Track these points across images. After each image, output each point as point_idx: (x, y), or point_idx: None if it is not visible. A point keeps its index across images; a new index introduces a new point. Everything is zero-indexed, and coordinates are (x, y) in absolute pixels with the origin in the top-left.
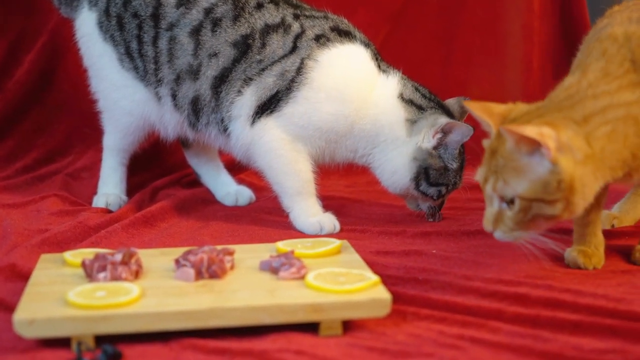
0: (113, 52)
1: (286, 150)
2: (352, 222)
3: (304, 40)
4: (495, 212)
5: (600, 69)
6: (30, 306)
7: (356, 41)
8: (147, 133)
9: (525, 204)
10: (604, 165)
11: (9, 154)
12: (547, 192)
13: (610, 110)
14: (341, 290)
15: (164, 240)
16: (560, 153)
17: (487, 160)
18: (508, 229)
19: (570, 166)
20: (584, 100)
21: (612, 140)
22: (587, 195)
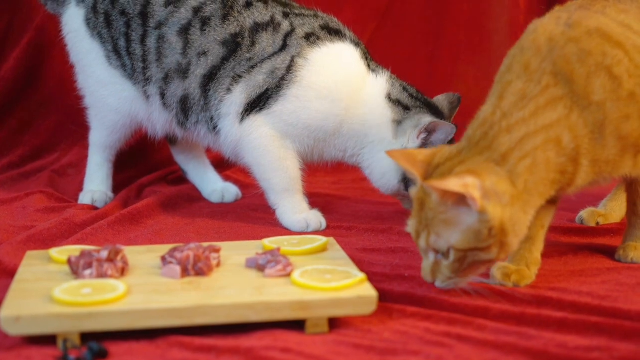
0: (100, 49)
1: (274, 147)
2: (339, 219)
3: (294, 39)
4: (432, 263)
5: (517, 92)
6: (15, 303)
7: (346, 40)
8: (134, 130)
9: (460, 254)
10: (531, 198)
11: None
12: (479, 240)
13: (527, 140)
14: (327, 288)
15: (150, 238)
16: (487, 200)
17: (416, 212)
18: (446, 278)
19: (498, 211)
20: (499, 136)
21: (535, 172)
22: (520, 231)
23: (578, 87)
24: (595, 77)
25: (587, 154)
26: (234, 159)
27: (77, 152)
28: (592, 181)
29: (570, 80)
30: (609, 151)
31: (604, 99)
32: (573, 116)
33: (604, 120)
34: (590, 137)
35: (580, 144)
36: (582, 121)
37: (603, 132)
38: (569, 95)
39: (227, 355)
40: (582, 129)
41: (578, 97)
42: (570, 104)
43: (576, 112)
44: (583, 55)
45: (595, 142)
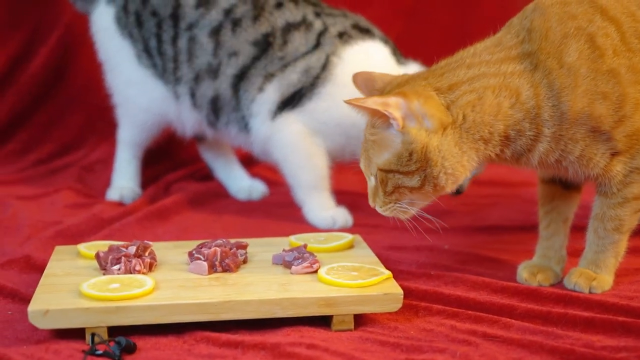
0: (131, 48)
1: (305, 144)
2: (365, 217)
3: (327, 38)
4: (372, 187)
5: (495, 40)
6: (44, 297)
7: (376, 38)
8: (163, 129)
9: (382, 175)
10: (470, 137)
11: (24, 146)
12: (401, 163)
13: (481, 78)
14: (354, 285)
15: (177, 234)
16: (410, 121)
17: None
18: (382, 203)
19: (421, 135)
20: (458, 68)
21: (477, 110)
22: (451, 168)
23: (550, 45)
24: (572, 39)
25: (550, 122)
26: (263, 157)
27: (105, 149)
28: (559, 163)
29: (544, 37)
30: (576, 129)
31: (579, 65)
32: (537, 74)
33: (574, 88)
34: (554, 103)
35: (541, 105)
36: (546, 82)
37: (570, 102)
38: (539, 53)
39: (253, 350)
40: (545, 90)
41: (548, 56)
42: (537, 62)
43: (541, 72)
44: (565, 17)
45: (558, 111)
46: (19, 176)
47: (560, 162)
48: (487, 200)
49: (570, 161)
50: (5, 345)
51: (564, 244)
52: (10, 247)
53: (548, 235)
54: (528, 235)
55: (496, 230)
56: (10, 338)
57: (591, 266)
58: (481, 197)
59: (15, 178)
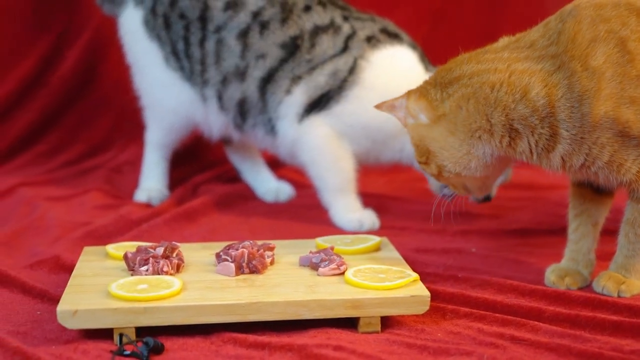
0: (159, 50)
1: (332, 147)
2: (392, 219)
3: (356, 41)
4: None
5: (529, 39)
6: (73, 298)
7: (404, 43)
8: (190, 130)
9: (419, 166)
10: (467, 127)
11: (53, 147)
12: (418, 156)
13: (482, 74)
14: (380, 287)
15: (204, 235)
16: (409, 119)
17: None
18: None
19: (416, 130)
20: (469, 62)
21: (472, 102)
22: (455, 157)
23: (577, 48)
24: (600, 43)
25: (568, 123)
26: (290, 160)
27: (134, 150)
28: (588, 168)
29: (571, 39)
30: (600, 133)
31: (604, 69)
32: (557, 76)
33: (597, 91)
34: (574, 105)
35: (555, 105)
36: (566, 83)
37: (592, 105)
38: (563, 55)
39: (280, 352)
40: (563, 91)
41: (572, 58)
42: (560, 63)
43: (562, 73)
44: (597, 20)
45: (578, 113)
46: (49, 177)
47: (589, 167)
48: (516, 203)
49: (599, 167)
50: (34, 345)
51: (592, 247)
52: (40, 247)
53: (576, 239)
54: (556, 238)
55: (524, 234)
56: (39, 338)
57: (621, 270)
58: (509, 200)
59: (45, 179)
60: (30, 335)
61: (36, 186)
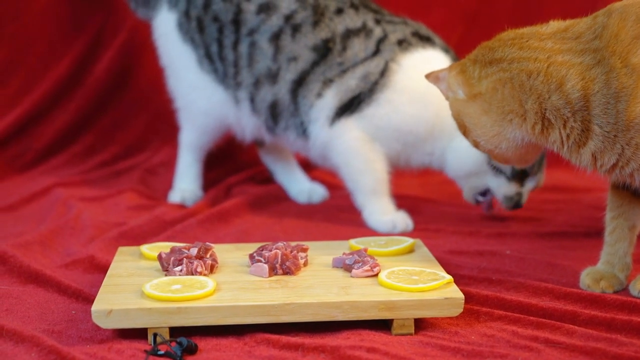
0: (192, 53)
1: (364, 149)
2: (426, 221)
3: (387, 45)
4: None
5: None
6: (107, 297)
7: (436, 46)
8: (224, 132)
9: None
10: (500, 109)
11: (88, 148)
12: (458, 127)
13: (522, 61)
14: (414, 289)
15: (238, 236)
16: (449, 92)
17: None
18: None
19: (454, 104)
20: (512, 46)
21: (508, 87)
22: (487, 135)
23: (619, 44)
24: None
25: (602, 119)
26: (321, 163)
27: (168, 151)
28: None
29: (614, 35)
30: (636, 133)
31: None
32: (596, 70)
33: (634, 89)
34: (609, 101)
35: (590, 100)
36: (604, 79)
37: (628, 103)
38: (604, 50)
39: (313, 353)
40: (600, 86)
41: (613, 54)
42: (601, 58)
43: (601, 68)
44: None
45: (613, 110)
46: (84, 178)
47: (623, 168)
48: (551, 206)
49: (634, 168)
50: (69, 344)
51: (629, 251)
52: (75, 247)
53: (613, 241)
54: (592, 241)
55: (559, 236)
56: (74, 337)
57: None
58: (544, 203)
59: (80, 180)
60: (65, 335)
61: (71, 186)
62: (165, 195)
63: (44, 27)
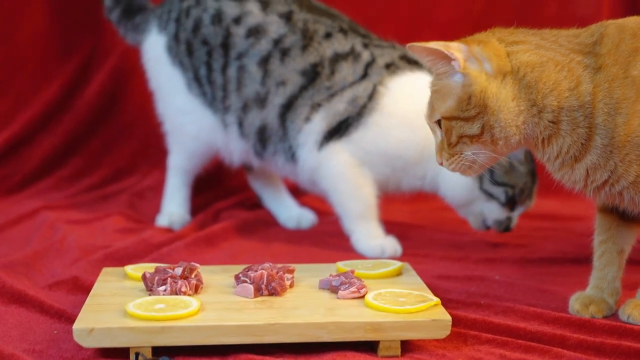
0: (181, 76)
1: (352, 174)
2: (414, 246)
3: (375, 68)
4: (439, 142)
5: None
6: (90, 316)
7: (424, 69)
8: (213, 156)
9: (446, 124)
10: (526, 96)
11: (77, 171)
12: (460, 109)
13: (549, 50)
14: (401, 310)
15: (225, 260)
16: (471, 64)
17: None
18: (448, 156)
19: (481, 78)
20: (531, 35)
21: (537, 73)
22: (506, 124)
23: (620, 54)
24: None
25: (603, 130)
26: (310, 187)
27: (156, 175)
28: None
29: (615, 44)
30: (630, 149)
31: None
32: (600, 76)
33: (635, 102)
34: (610, 112)
35: (596, 106)
36: (607, 87)
37: (627, 115)
38: (607, 56)
39: None
40: (603, 94)
41: (615, 62)
42: (602, 64)
43: (604, 75)
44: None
45: (612, 123)
46: (71, 201)
47: (613, 185)
48: (540, 233)
49: (623, 186)
50: None
51: (618, 275)
52: (59, 268)
53: (601, 266)
54: (581, 267)
55: (549, 263)
56: (55, 356)
57: None
58: (534, 230)
59: (67, 203)
60: (46, 354)
61: (58, 210)
62: (153, 218)
63: (34, 50)
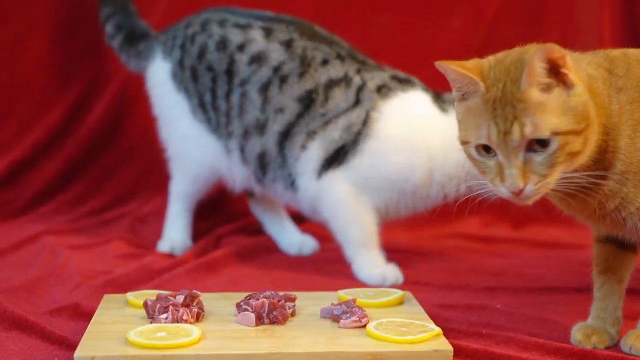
0: (186, 103)
1: (352, 202)
2: (416, 275)
3: (366, 93)
4: (522, 164)
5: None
6: (91, 344)
7: (416, 87)
8: (215, 182)
9: (562, 140)
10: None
11: (78, 197)
12: (577, 121)
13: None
14: (403, 341)
15: (226, 286)
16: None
17: (490, 115)
18: (540, 178)
19: (582, 85)
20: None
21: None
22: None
23: (634, 77)
24: None
25: (623, 155)
26: (311, 215)
27: (158, 201)
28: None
29: (628, 67)
30: None
31: None
32: (622, 97)
33: None
34: (630, 134)
35: (621, 128)
36: (629, 109)
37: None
38: (625, 79)
39: None
40: (626, 117)
41: (632, 85)
42: (622, 86)
43: (626, 97)
44: None
45: (632, 147)
46: (73, 226)
47: (620, 211)
48: (542, 262)
49: (630, 212)
50: None
51: (619, 305)
52: (60, 295)
53: (602, 296)
54: (583, 297)
55: (550, 292)
56: None
57: None
58: (536, 259)
59: (69, 228)
60: None
61: (60, 235)
62: (155, 244)
63: (37, 77)
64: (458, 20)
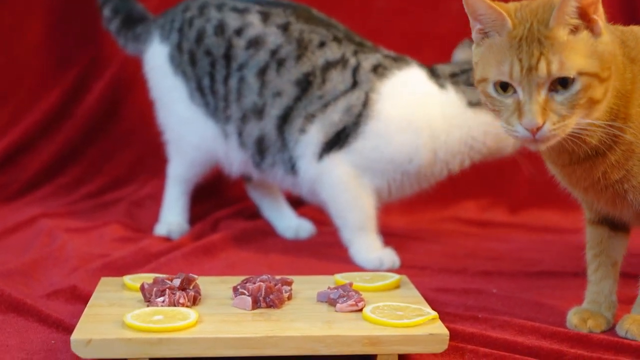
0: (184, 86)
1: (352, 185)
2: (412, 258)
3: (362, 74)
4: (542, 101)
5: None
6: (87, 327)
7: (411, 64)
8: (213, 166)
9: (586, 81)
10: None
11: (75, 179)
12: (602, 67)
13: None
14: (399, 324)
15: (222, 270)
16: None
17: (514, 52)
18: (559, 118)
19: (611, 39)
20: None
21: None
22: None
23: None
24: None
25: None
26: (311, 198)
27: (155, 184)
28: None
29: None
30: None
31: None
32: (636, 67)
33: None
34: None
35: (630, 97)
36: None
37: None
38: (637, 50)
39: None
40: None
41: None
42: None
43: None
44: None
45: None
46: (70, 209)
47: (623, 183)
48: (538, 246)
49: (632, 185)
50: None
51: (613, 288)
52: (57, 277)
53: (597, 280)
54: (580, 281)
55: (547, 276)
56: None
57: None
58: (532, 243)
59: (66, 211)
60: None
61: (57, 217)
62: (152, 227)
63: (34, 60)
64: (457, 5)
